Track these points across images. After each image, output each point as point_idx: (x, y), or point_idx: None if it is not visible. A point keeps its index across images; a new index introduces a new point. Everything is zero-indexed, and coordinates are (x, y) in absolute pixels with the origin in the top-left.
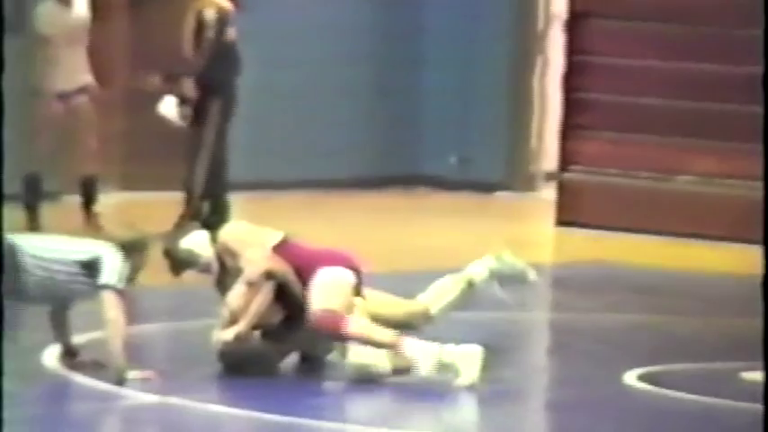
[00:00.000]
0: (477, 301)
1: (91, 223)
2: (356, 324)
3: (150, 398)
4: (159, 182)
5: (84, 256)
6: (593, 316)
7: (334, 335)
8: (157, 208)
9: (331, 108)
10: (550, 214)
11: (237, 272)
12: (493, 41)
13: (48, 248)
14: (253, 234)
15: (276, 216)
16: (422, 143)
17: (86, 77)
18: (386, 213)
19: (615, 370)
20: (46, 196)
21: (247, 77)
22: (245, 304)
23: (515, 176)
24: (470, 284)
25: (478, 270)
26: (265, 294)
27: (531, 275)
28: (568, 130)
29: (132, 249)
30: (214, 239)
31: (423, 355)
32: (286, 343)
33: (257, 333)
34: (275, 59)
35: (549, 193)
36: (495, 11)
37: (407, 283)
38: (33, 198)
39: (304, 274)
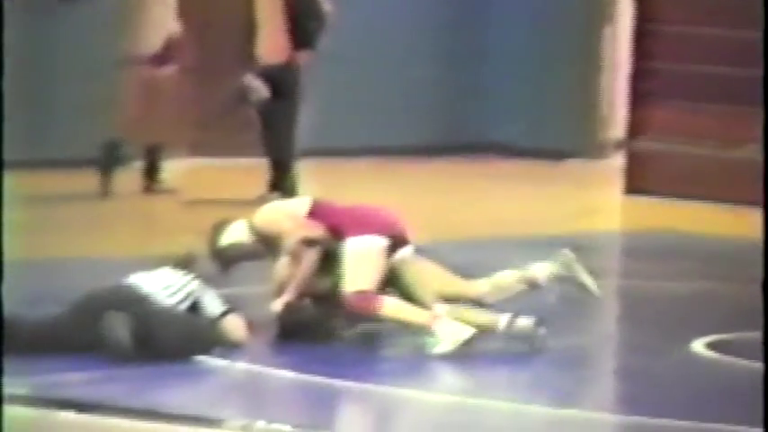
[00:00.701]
0: None
1: (154, 189)
2: (390, 304)
3: (222, 363)
4: (229, 149)
5: (187, 302)
6: (662, 284)
7: (369, 316)
8: (228, 174)
9: (399, 74)
10: (619, 182)
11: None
12: (562, 8)
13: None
14: (282, 209)
15: (345, 183)
16: (491, 110)
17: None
18: (455, 180)
19: (683, 338)
20: (124, 161)
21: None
22: (290, 275)
23: (585, 144)
24: (532, 286)
25: (543, 273)
26: (309, 261)
27: (595, 290)
28: (637, 97)
29: (188, 264)
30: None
31: (451, 335)
32: (340, 307)
33: (308, 300)
34: (342, 26)
35: (618, 160)
36: None
37: (476, 251)
38: (110, 164)
39: (340, 233)
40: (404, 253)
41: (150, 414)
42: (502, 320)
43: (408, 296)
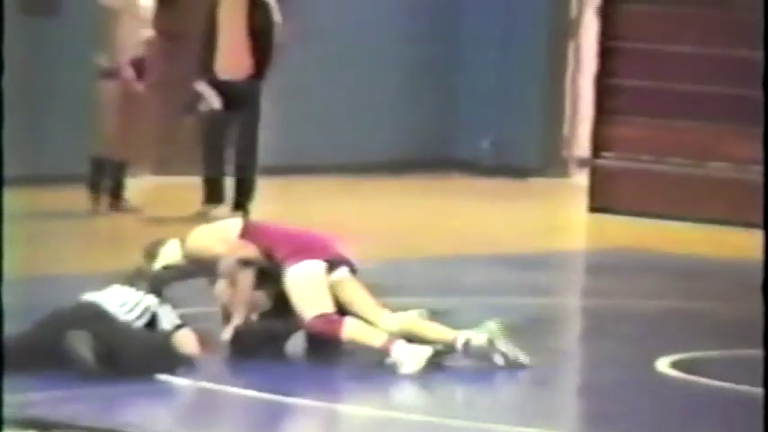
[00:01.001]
0: (510, 286)
1: (117, 207)
2: (351, 327)
3: (182, 382)
4: (188, 166)
5: (144, 318)
6: (627, 302)
7: (332, 339)
8: (185, 191)
9: (365, 89)
10: (584, 200)
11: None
12: (527, 27)
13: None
14: (213, 232)
15: (309, 199)
16: (456, 127)
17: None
18: (419, 197)
19: (648, 356)
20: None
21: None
22: (231, 297)
23: (549, 162)
24: (447, 347)
25: (461, 341)
26: (246, 282)
27: (524, 360)
28: (601, 115)
29: (138, 280)
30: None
31: (410, 356)
32: (285, 322)
33: (253, 317)
34: (306, 36)
35: (582, 178)
36: None
37: (441, 268)
38: (97, 180)
39: (275, 253)
40: (340, 273)
41: None
42: (459, 339)
43: (353, 314)
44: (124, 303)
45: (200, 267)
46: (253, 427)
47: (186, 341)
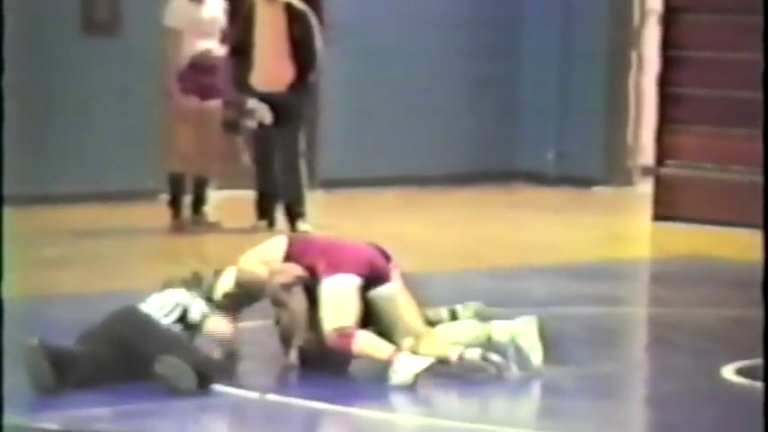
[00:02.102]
0: (575, 296)
1: (197, 222)
2: (362, 340)
3: (249, 394)
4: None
5: (175, 314)
6: (691, 310)
7: (345, 352)
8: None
9: (426, 101)
10: (647, 209)
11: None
12: (589, 37)
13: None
14: (256, 257)
15: (374, 213)
16: (519, 138)
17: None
18: (483, 209)
19: (713, 364)
20: (184, 192)
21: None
22: (286, 321)
23: (612, 171)
24: (488, 339)
25: (501, 331)
26: (296, 304)
27: (536, 364)
28: (664, 124)
29: (195, 284)
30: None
31: (404, 367)
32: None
33: (309, 334)
34: (369, 51)
35: (645, 187)
36: (592, 7)
37: (505, 279)
38: (178, 196)
39: (317, 268)
40: (382, 290)
41: None
42: (453, 353)
43: (385, 332)
44: (162, 306)
45: (252, 295)
46: None
47: (217, 325)
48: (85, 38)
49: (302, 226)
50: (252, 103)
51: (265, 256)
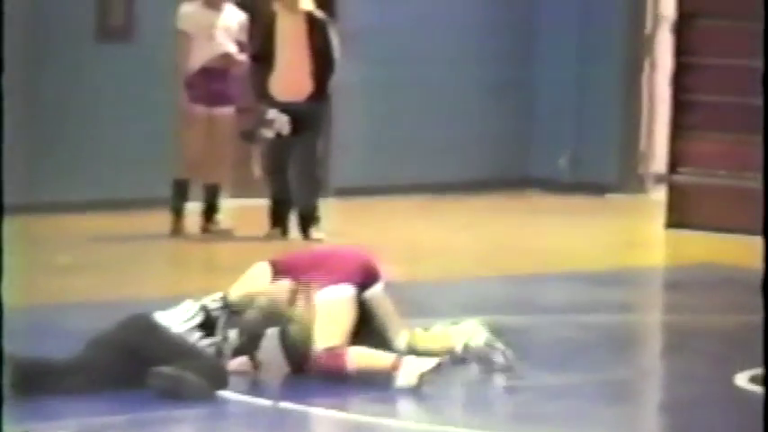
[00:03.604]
0: (588, 303)
1: (210, 230)
2: (355, 357)
3: (262, 402)
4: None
5: (198, 318)
6: (705, 317)
7: (337, 373)
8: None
9: (441, 109)
10: (661, 215)
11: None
12: (602, 44)
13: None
14: (243, 288)
15: (388, 219)
16: (532, 145)
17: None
18: (498, 216)
19: (727, 371)
20: (187, 201)
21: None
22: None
23: (625, 178)
24: (465, 347)
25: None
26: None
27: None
28: (678, 131)
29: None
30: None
31: (407, 369)
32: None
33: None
34: (383, 58)
35: (659, 194)
36: (604, 14)
37: (519, 286)
38: (180, 202)
39: (313, 282)
40: (374, 290)
41: None
42: (458, 343)
43: (379, 331)
44: (186, 311)
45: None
46: None
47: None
48: (99, 44)
49: (316, 234)
50: (272, 113)
51: (252, 287)
